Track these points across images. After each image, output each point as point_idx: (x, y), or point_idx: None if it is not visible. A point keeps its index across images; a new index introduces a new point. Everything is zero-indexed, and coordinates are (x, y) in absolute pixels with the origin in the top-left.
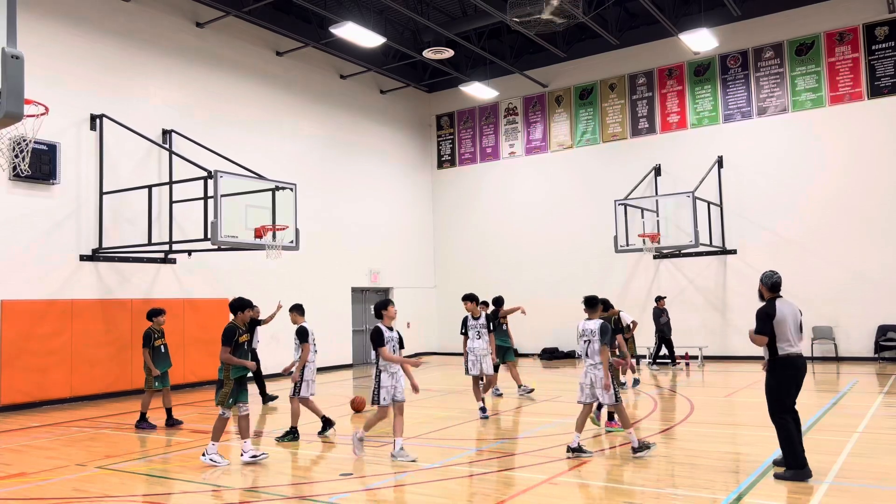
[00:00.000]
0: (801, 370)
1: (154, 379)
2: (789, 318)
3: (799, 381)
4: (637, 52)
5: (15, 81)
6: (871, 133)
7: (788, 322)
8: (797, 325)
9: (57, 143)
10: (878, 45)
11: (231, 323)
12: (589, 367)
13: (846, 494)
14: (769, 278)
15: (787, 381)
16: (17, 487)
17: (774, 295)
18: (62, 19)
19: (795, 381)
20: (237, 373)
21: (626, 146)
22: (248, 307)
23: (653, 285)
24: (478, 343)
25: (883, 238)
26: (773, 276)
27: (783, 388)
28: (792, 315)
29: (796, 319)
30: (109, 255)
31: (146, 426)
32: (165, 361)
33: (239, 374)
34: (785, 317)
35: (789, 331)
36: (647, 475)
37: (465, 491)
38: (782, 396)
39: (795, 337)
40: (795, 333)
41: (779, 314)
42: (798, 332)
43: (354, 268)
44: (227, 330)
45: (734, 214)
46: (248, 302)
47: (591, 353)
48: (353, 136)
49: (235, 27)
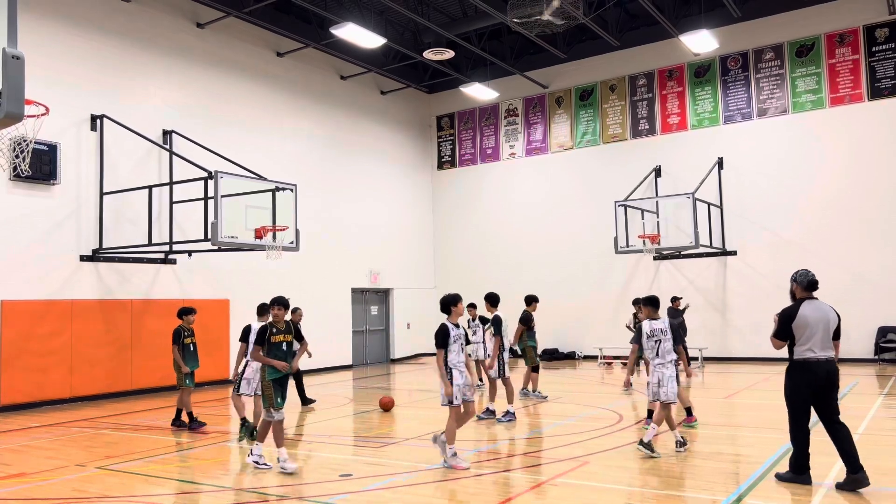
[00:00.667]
0: (821, 376)
1: (186, 377)
2: (815, 321)
3: (818, 387)
4: (637, 54)
5: (15, 82)
6: (871, 134)
7: (812, 325)
8: (828, 329)
9: (57, 143)
10: (879, 47)
11: (268, 322)
12: (657, 366)
13: (846, 496)
14: (804, 276)
15: (801, 388)
16: (16, 487)
17: (806, 295)
18: (63, 20)
19: (812, 388)
20: (272, 374)
21: (626, 147)
22: (275, 305)
23: (653, 286)
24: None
25: (883, 239)
26: (809, 274)
27: (797, 394)
28: (822, 319)
29: (827, 324)
30: (109, 256)
31: (196, 425)
32: (194, 360)
33: (274, 375)
34: (807, 320)
35: (812, 334)
36: (647, 476)
37: (466, 492)
38: (795, 403)
39: (821, 342)
40: (823, 338)
41: (800, 317)
42: (828, 338)
43: (354, 268)
44: (260, 329)
45: (734, 216)
46: (279, 299)
47: (662, 352)
48: (353, 136)
49: (236, 28)
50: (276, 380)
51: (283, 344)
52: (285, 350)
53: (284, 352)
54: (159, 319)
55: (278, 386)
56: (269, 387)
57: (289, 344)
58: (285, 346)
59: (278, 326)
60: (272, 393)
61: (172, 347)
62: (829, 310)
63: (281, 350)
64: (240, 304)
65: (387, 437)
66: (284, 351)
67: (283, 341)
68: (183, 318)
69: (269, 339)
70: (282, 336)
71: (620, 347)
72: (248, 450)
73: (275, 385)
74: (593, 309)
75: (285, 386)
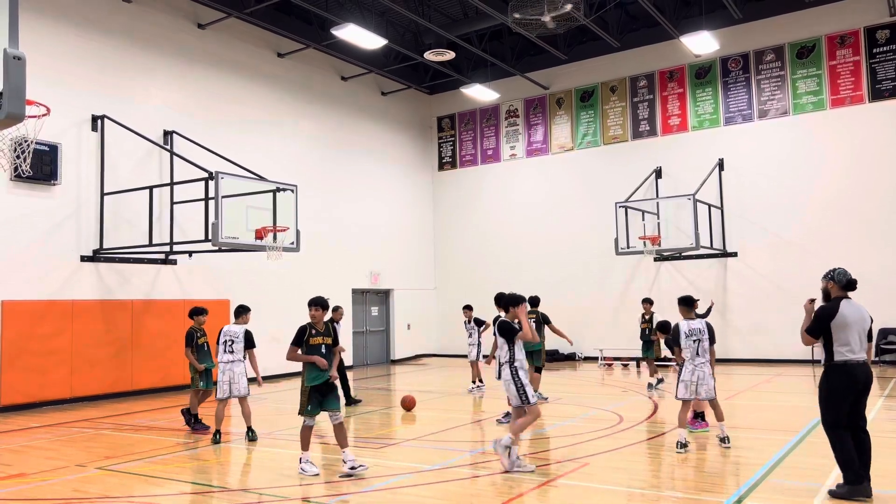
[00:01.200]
0: (860, 380)
1: (200, 377)
2: (854, 322)
3: (857, 391)
4: (638, 55)
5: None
6: (871, 136)
7: (852, 326)
8: (864, 330)
9: (58, 143)
10: (879, 49)
11: (307, 323)
12: (699, 364)
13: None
14: (843, 276)
15: (841, 391)
16: (16, 488)
17: (843, 295)
18: (64, 20)
19: (852, 392)
20: (312, 380)
21: (626, 148)
22: (313, 306)
23: (653, 287)
24: None
25: (883, 240)
26: (847, 273)
27: (837, 397)
28: (859, 319)
29: (863, 325)
30: (110, 256)
31: (199, 427)
32: (209, 359)
33: (314, 381)
34: (847, 320)
35: (851, 335)
36: (648, 478)
37: (466, 493)
38: (835, 407)
39: (859, 343)
40: (861, 339)
41: (839, 317)
42: (864, 339)
43: (355, 269)
44: (299, 329)
45: (735, 217)
46: (317, 300)
47: (701, 351)
48: (353, 137)
49: (237, 28)
50: (314, 388)
51: (322, 346)
52: (324, 353)
53: (323, 355)
54: (160, 320)
55: (315, 394)
56: (306, 392)
57: (328, 347)
58: (324, 349)
59: (317, 328)
60: (306, 400)
61: (185, 350)
62: (865, 310)
63: (320, 353)
64: None
65: (387, 438)
66: (323, 354)
67: (321, 343)
68: (194, 318)
69: (308, 340)
70: (321, 338)
71: (620, 349)
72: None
73: (312, 393)
74: (593, 310)
75: (325, 395)
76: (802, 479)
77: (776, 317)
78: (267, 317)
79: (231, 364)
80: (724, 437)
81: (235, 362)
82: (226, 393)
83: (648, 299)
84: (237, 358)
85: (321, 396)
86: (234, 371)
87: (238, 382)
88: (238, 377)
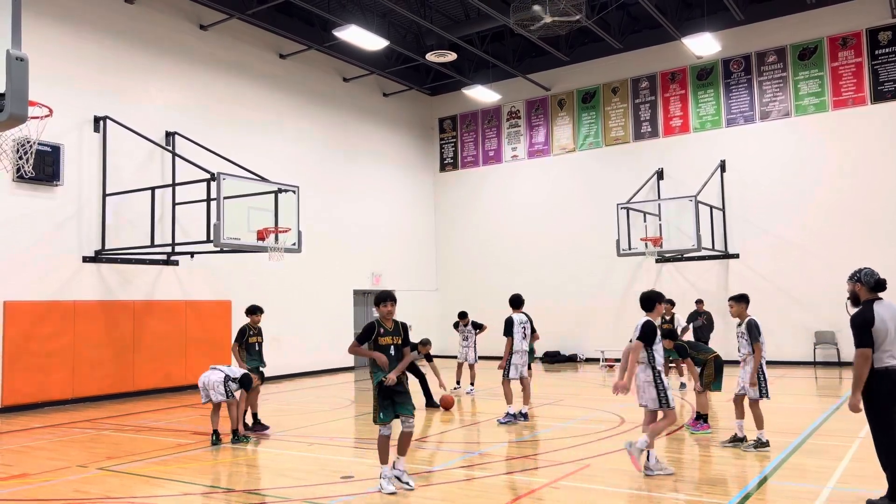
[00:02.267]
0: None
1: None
2: (890, 322)
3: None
4: (640, 56)
5: (19, 83)
6: (873, 138)
7: (889, 327)
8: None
9: (60, 144)
10: (882, 50)
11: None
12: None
13: (848, 500)
14: (870, 276)
15: (885, 398)
16: (18, 488)
17: (873, 297)
18: (66, 21)
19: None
20: (377, 378)
21: (628, 150)
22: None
23: (654, 289)
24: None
25: (885, 242)
26: (874, 273)
27: (881, 405)
28: (892, 319)
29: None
30: (112, 257)
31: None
32: (256, 360)
33: (379, 378)
34: (885, 322)
35: (889, 338)
36: (649, 479)
37: (467, 494)
38: (880, 415)
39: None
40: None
41: (878, 320)
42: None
43: (356, 270)
44: (367, 326)
45: (736, 218)
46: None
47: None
48: (355, 138)
49: (238, 29)
50: (381, 388)
51: (391, 347)
52: (393, 354)
53: (392, 356)
54: (161, 321)
55: (383, 396)
56: (377, 398)
57: (397, 347)
58: (393, 350)
59: (386, 326)
60: (377, 405)
61: (233, 346)
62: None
63: (388, 353)
64: (242, 306)
65: None
66: (392, 355)
67: (391, 344)
68: (249, 316)
69: (377, 340)
70: (390, 338)
71: (622, 350)
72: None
73: (380, 395)
74: (595, 311)
75: (398, 398)
76: (805, 482)
77: (778, 318)
78: (268, 318)
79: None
80: (743, 438)
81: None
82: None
83: (669, 300)
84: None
85: (393, 401)
86: (210, 379)
87: (214, 389)
88: (215, 384)
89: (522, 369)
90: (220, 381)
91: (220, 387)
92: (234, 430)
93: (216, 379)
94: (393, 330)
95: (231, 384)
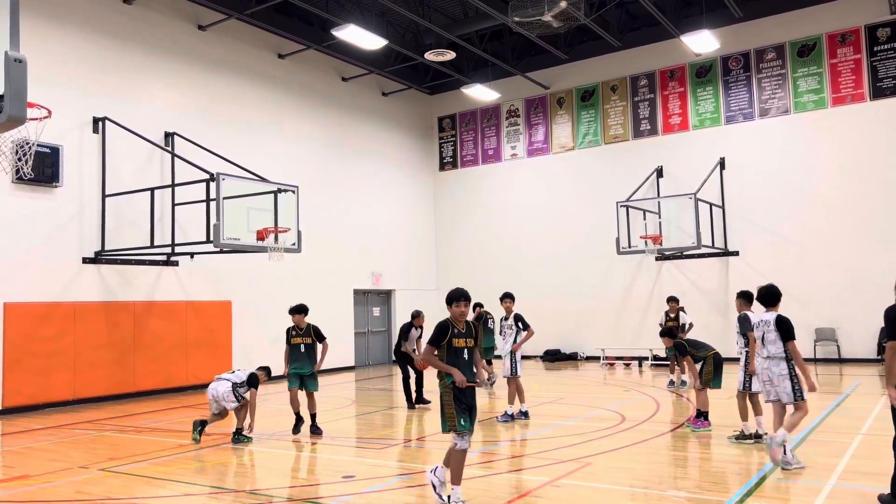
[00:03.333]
0: None
1: (288, 378)
2: None
3: None
4: (638, 54)
5: (18, 84)
6: (872, 134)
7: None
8: None
9: (60, 145)
10: (880, 47)
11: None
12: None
13: (849, 496)
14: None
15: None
16: (19, 490)
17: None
18: (64, 22)
19: None
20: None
21: (627, 148)
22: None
23: (655, 287)
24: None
25: (885, 239)
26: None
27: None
28: None
29: None
30: (112, 258)
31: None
32: (301, 361)
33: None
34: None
35: None
36: (650, 477)
37: (468, 493)
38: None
39: None
40: None
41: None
42: None
43: (356, 270)
44: (439, 326)
45: (736, 216)
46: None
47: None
48: (354, 138)
49: (237, 30)
50: (456, 390)
51: (465, 351)
52: (467, 358)
53: (466, 360)
54: (162, 321)
55: (459, 401)
56: (451, 404)
57: (470, 350)
58: (467, 354)
59: (459, 327)
60: (453, 412)
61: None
62: None
63: (462, 358)
64: (242, 306)
65: (389, 439)
66: (466, 360)
67: (464, 347)
68: (293, 316)
69: (451, 342)
70: (464, 340)
71: (622, 348)
72: None
73: (456, 400)
74: (595, 310)
75: (472, 402)
76: (805, 479)
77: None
78: (268, 318)
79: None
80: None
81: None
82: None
83: (674, 297)
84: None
85: (470, 408)
86: (218, 391)
87: (225, 399)
88: (224, 395)
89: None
90: (228, 391)
91: (230, 395)
92: (237, 430)
93: (224, 389)
94: (466, 332)
95: (240, 389)
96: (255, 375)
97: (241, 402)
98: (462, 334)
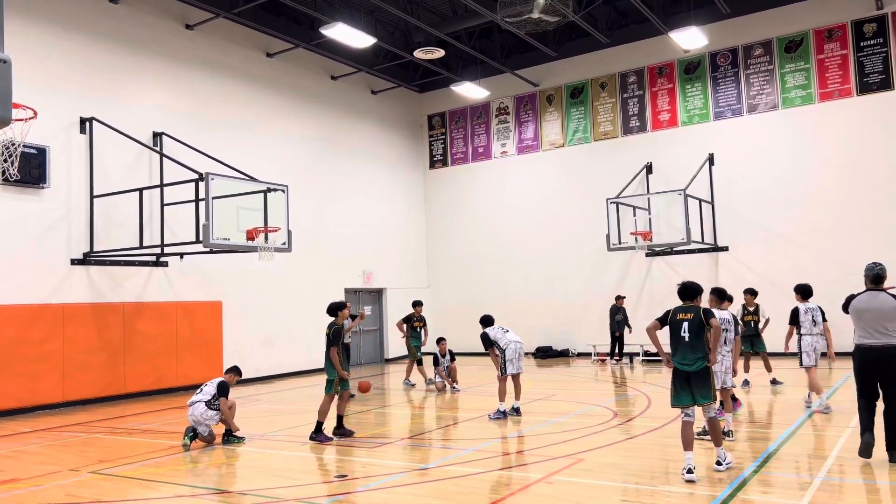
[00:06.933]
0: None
1: (339, 383)
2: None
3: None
4: (627, 51)
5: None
6: (860, 129)
7: None
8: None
9: (46, 146)
10: (867, 42)
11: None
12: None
13: (839, 489)
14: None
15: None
16: (9, 493)
17: None
18: (50, 22)
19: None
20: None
21: (617, 144)
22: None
23: (645, 283)
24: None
25: (874, 233)
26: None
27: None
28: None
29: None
30: (101, 259)
31: (322, 438)
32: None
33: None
34: None
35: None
36: (642, 473)
37: (461, 491)
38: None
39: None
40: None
41: None
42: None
43: (347, 268)
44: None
45: (725, 212)
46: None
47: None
48: (344, 136)
49: (225, 29)
50: (678, 374)
51: (685, 323)
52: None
53: (683, 336)
54: (151, 323)
55: (682, 380)
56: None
57: (689, 323)
58: (686, 328)
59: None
60: (673, 388)
61: (332, 350)
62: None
63: (682, 332)
64: (233, 307)
65: (381, 438)
66: (683, 337)
67: (684, 319)
68: (339, 314)
69: (671, 318)
70: (684, 314)
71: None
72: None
73: (677, 377)
74: (586, 306)
75: (696, 383)
76: (796, 472)
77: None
78: (260, 317)
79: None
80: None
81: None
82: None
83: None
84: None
85: (690, 385)
86: (196, 414)
87: (207, 418)
88: (202, 415)
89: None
90: (204, 410)
91: (207, 413)
92: (227, 431)
93: (200, 411)
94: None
95: (215, 403)
96: (224, 383)
97: (221, 414)
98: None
